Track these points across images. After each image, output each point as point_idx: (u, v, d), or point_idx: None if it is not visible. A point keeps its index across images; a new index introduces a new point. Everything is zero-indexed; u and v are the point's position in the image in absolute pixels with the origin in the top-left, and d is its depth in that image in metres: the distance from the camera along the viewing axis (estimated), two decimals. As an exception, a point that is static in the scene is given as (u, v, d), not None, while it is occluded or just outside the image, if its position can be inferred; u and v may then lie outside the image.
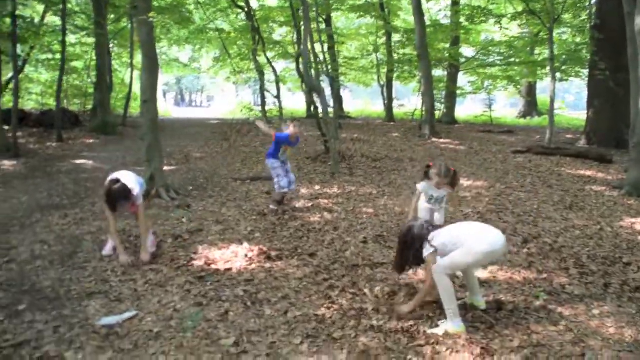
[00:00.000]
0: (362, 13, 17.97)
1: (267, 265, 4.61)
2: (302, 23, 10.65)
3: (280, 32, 20.66)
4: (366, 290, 4.06)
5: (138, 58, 12.17)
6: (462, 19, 16.31)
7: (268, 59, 16.26)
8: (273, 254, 4.89)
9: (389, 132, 15.83)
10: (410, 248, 3.65)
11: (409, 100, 25.63)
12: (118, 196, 4.41)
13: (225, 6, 17.24)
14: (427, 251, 3.58)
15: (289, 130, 6.34)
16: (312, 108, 10.72)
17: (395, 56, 19.25)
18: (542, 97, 28.57)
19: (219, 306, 3.75)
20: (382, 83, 21.93)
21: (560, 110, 28.83)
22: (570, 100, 47.14)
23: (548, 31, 12.62)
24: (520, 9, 17.59)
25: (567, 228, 6.16)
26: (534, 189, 8.26)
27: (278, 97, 16.02)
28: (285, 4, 18.71)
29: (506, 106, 37.44)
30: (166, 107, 28.35)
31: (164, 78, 28.04)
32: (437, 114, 19.05)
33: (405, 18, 22.06)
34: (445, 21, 19.40)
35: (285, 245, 5.20)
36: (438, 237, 3.58)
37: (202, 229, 5.63)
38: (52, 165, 9.52)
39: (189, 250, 4.95)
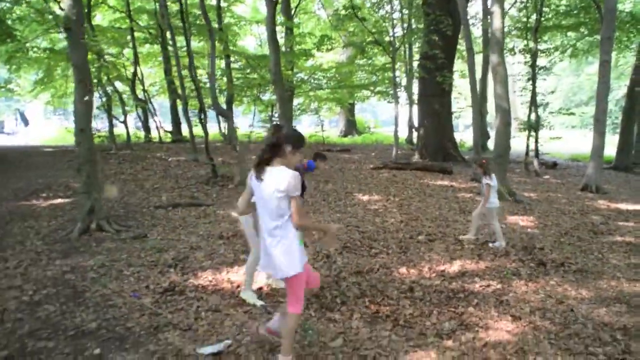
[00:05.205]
0: (201, 37, 18.55)
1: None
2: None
3: (110, 53, 19.97)
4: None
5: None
6: (310, 47, 17.97)
7: (110, 80, 15.81)
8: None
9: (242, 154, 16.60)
10: None
11: (237, 122, 26.67)
12: None
13: (53, 23, 16.19)
14: None
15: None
16: (200, 130, 11.01)
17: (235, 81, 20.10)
18: (358, 117, 32.14)
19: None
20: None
21: (376, 128, 32.90)
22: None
23: (391, 59, 14.90)
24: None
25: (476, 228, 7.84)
26: (422, 199, 9.98)
27: (125, 121, 15.70)
28: (117, 24, 18.38)
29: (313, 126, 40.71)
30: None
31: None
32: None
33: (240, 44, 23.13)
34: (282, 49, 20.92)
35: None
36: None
37: (187, 256, 5.90)
38: None
39: (198, 276, 5.27)
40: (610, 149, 16.11)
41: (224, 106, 21.48)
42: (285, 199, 3.21)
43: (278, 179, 3.18)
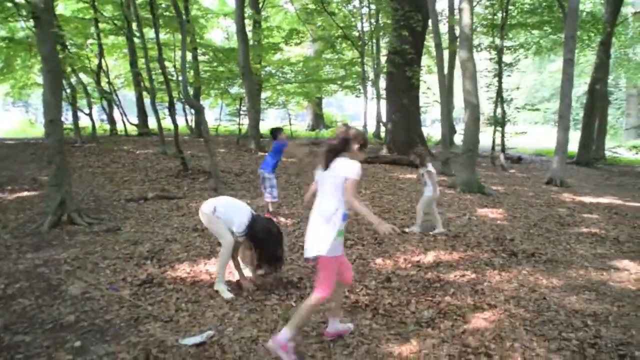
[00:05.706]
0: (167, 30, 18.32)
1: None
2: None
3: (73, 43, 19.49)
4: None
5: None
6: (279, 40, 17.95)
7: (75, 71, 15.43)
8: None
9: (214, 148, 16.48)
10: None
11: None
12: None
13: (13, 11, 15.68)
14: None
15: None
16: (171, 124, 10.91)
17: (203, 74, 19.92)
18: (325, 111, 32.22)
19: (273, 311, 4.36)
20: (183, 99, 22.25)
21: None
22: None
23: (360, 54, 15.00)
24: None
25: (448, 220, 8.01)
26: (393, 192, 10.11)
27: (90, 114, 15.40)
28: (80, 14, 17.95)
29: (280, 120, 40.64)
30: None
31: None
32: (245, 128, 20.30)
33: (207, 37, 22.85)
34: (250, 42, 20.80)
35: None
36: None
37: (163, 248, 5.86)
38: None
39: (175, 268, 5.24)
40: (573, 144, 16.59)
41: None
42: (342, 183, 3.37)
43: (342, 166, 3.39)
